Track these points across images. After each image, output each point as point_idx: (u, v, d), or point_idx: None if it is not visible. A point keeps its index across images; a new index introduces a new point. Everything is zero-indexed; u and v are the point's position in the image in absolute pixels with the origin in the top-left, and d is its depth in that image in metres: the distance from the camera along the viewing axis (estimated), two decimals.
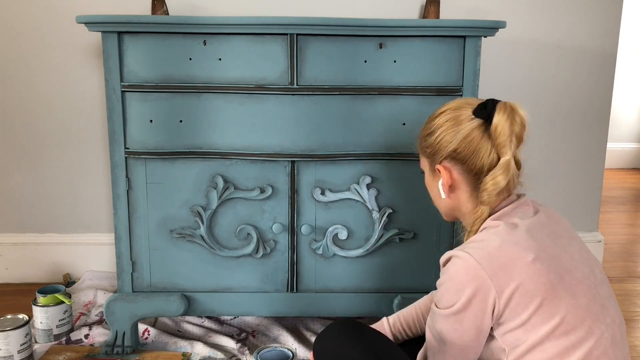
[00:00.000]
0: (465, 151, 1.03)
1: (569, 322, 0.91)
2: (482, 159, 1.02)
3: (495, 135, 1.01)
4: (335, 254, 1.56)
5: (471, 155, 1.03)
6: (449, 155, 1.06)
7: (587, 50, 2.03)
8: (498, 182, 1.00)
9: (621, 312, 1.02)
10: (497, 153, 1.02)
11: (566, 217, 2.16)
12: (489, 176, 1.01)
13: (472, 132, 1.03)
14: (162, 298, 1.55)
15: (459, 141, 1.03)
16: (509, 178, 1.01)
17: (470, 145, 1.03)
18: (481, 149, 1.02)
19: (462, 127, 1.04)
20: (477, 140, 1.02)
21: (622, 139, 4.13)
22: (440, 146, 1.06)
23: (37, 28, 1.94)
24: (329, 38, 1.44)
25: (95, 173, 2.04)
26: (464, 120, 1.04)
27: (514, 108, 1.02)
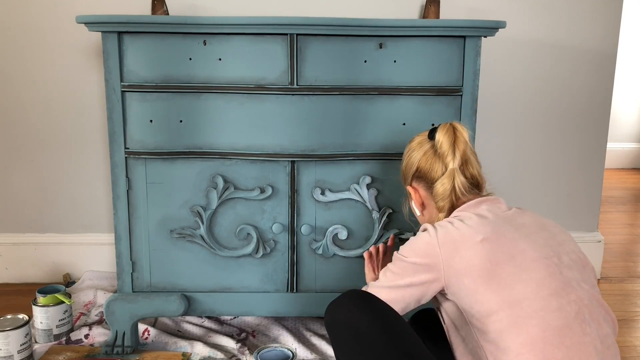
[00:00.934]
0: (424, 168, 1.21)
1: (519, 293, 0.98)
2: (437, 172, 1.19)
3: (439, 149, 1.18)
4: (335, 254, 1.56)
5: (429, 171, 1.21)
6: (414, 176, 1.24)
7: (587, 50, 2.03)
8: (444, 185, 1.16)
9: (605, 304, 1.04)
10: (444, 166, 1.18)
11: (566, 217, 2.19)
12: (437, 182, 1.18)
13: (427, 152, 1.21)
14: (162, 298, 1.55)
15: (418, 161, 1.23)
16: (453, 184, 1.16)
17: (427, 163, 1.21)
18: (435, 165, 1.20)
19: (420, 149, 1.23)
20: (431, 158, 1.20)
21: (622, 139, 4.13)
22: (407, 169, 1.26)
23: (37, 28, 1.94)
24: (329, 38, 1.44)
25: (95, 173, 2.04)
26: (422, 144, 1.24)
27: (454, 126, 1.19)
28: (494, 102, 2.04)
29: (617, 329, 1.05)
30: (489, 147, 2.07)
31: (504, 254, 1.02)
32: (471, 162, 1.19)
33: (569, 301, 0.98)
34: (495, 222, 1.07)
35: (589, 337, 0.96)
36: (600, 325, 0.99)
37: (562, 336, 0.94)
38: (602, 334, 0.98)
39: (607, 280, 2.20)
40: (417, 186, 1.24)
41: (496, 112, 2.05)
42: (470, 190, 1.17)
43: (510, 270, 1.00)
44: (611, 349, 0.98)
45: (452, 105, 1.48)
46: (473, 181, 1.19)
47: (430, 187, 1.20)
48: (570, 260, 1.05)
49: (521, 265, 1.01)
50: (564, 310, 0.97)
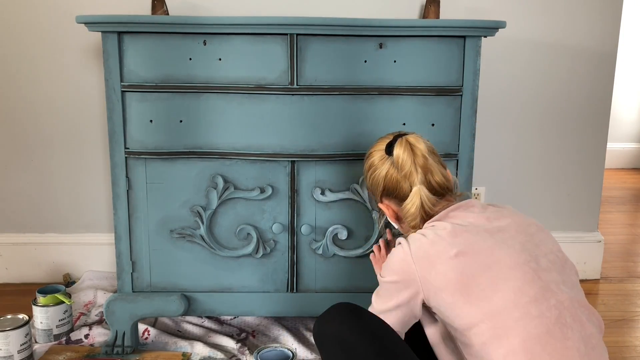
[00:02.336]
0: (390, 187, 1.19)
1: (498, 304, 0.97)
2: (405, 190, 1.17)
3: (399, 168, 1.16)
4: (335, 254, 1.56)
5: (395, 189, 1.18)
6: (382, 193, 1.22)
7: (587, 50, 2.03)
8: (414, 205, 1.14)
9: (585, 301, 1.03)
10: (409, 183, 1.16)
11: (566, 217, 2.19)
12: (406, 202, 1.16)
13: (389, 170, 1.18)
14: (162, 298, 1.55)
15: (383, 180, 1.19)
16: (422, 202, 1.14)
17: (392, 182, 1.18)
18: (400, 182, 1.17)
19: (382, 168, 1.20)
20: (394, 175, 1.18)
21: (622, 139, 4.13)
22: (374, 187, 1.23)
23: (37, 28, 1.94)
24: (329, 38, 1.44)
25: (95, 173, 2.04)
26: (383, 161, 1.20)
27: (411, 142, 1.16)
28: (494, 102, 2.04)
29: (603, 327, 1.04)
30: (489, 147, 2.07)
31: (479, 265, 1.01)
32: (434, 171, 1.16)
33: (549, 306, 0.97)
34: (469, 230, 1.06)
35: (571, 341, 0.95)
36: (583, 326, 0.98)
37: (543, 344, 0.94)
38: (585, 335, 0.97)
39: (607, 280, 2.20)
40: (388, 203, 1.23)
41: (496, 112, 2.05)
42: (438, 201, 1.15)
43: (487, 281, 0.99)
44: (596, 349, 0.98)
45: (452, 105, 1.48)
46: (441, 188, 1.16)
47: (400, 202, 1.18)
48: (548, 261, 1.03)
49: (498, 274, 1.00)
50: (544, 316, 0.96)
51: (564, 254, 1.09)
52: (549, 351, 0.93)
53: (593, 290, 2.11)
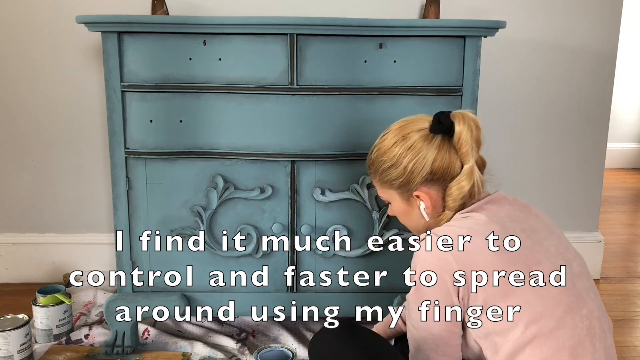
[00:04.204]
0: (441, 171, 1.07)
1: (535, 311, 0.93)
2: (455, 170, 1.07)
3: (458, 145, 1.05)
4: (335, 254, 1.56)
5: (445, 172, 1.07)
6: (425, 179, 1.08)
7: (587, 50, 2.03)
8: (462, 187, 1.05)
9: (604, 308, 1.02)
10: (460, 161, 1.06)
11: (566, 217, 2.18)
12: (454, 182, 1.06)
13: (440, 151, 1.06)
14: (162, 298, 1.55)
15: (431, 164, 1.06)
16: (472, 182, 1.05)
17: (443, 164, 1.06)
18: (452, 162, 1.06)
19: (427, 150, 1.07)
20: (446, 156, 1.06)
21: (622, 139, 4.13)
22: (414, 174, 1.08)
23: (37, 28, 1.94)
24: (329, 38, 1.44)
25: (95, 173, 2.04)
26: (425, 142, 1.07)
27: (466, 115, 1.06)
28: (494, 102, 2.04)
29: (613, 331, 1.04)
30: (489, 147, 2.06)
31: (522, 266, 0.96)
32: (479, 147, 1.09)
33: (582, 316, 0.95)
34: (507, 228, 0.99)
35: (598, 353, 0.94)
36: (606, 337, 0.98)
37: (574, 356, 0.92)
38: (607, 346, 0.97)
39: (607, 280, 2.20)
40: (428, 190, 1.09)
41: (496, 112, 2.05)
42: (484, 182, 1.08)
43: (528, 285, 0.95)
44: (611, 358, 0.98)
45: (452, 105, 1.48)
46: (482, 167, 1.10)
47: (444, 187, 1.08)
48: (578, 266, 1.01)
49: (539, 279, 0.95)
50: (577, 327, 0.94)
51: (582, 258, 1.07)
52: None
53: None
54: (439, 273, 0.97)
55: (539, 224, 1.04)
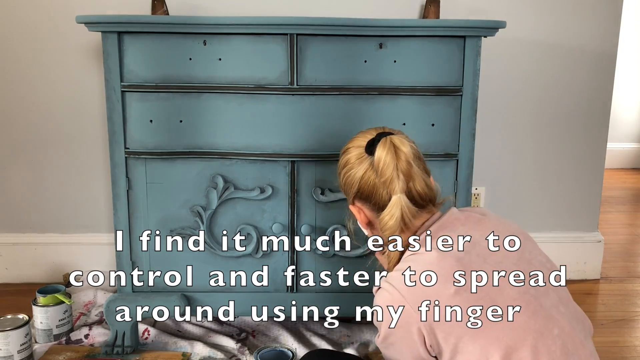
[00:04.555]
0: (366, 191, 1.06)
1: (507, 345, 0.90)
2: (382, 196, 1.04)
3: (379, 172, 1.02)
4: (335, 254, 1.56)
5: (372, 194, 1.05)
6: (356, 195, 1.09)
7: (587, 50, 2.03)
8: (393, 216, 1.01)
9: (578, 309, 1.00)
10: (388, 190, 1.02)
11: (566, 217, 2.18)
12: (385, 212, 1.02)
13: (367, 172, 1.05)
14: (162, 298, 1.55)
15: (358, 182, 1.06)
16: (403, 213, 1.01)
17: (368, 184, 1.05)
18: (378, 187, 1.04)
19: (360, 166, 1.06)
20: (372, 179, 1.04)
21: (622, 139, 4.13)
22: (347, 187, 1.10)
23: (37, 28, 1.94)
24: (329, 38, 1.44)
25: (95, 173, 2.04)
26: (362, 160, 1.06)
27: (396, 144, 1.02)
28: (493, 102, 2.04)
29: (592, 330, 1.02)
30: (489, 147, 2.07)
31: (483, 300, 0.92)
32: (417, 179, 1.03)
33: (553, 338, 0.92)
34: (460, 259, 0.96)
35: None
36: (584, 347, 0.95)
37: None
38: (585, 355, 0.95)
39: (607, 280, 2.20)
40: (361, 206, 1.10)
41: (496, 112, 2.05)
42: (418, 212, 1.04)
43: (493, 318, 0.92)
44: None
45: (452, 105, 1.48)
46: (422, 199, 1.05)
47: (377, 209, 1.06)
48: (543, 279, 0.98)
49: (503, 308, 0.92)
50: (551, 352, 0.91)
51: (548, 258, 1.04)
52: None
53: (593, 290, 2.11)
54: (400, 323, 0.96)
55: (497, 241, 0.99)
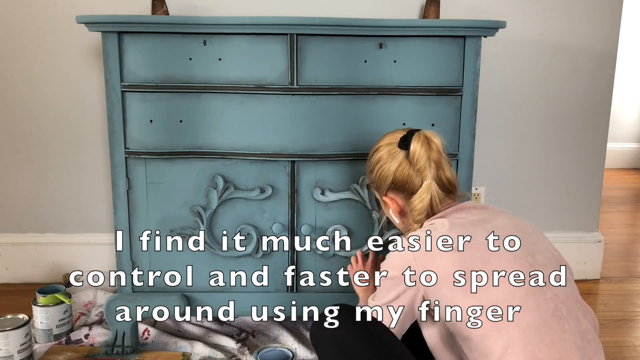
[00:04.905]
0: (401, 181, 1.19)
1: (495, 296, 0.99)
2: (415, 184, 1.18)
3: (414, 162, 1.17)
4: (335, 254, 1.56)
5: (406, 183, 1.19)
6: (390, 187, 1.22)
7: (587, 50, 2.03)
8: (423, 200, 1.15)
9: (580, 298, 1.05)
10: (421, 178, 1.17)
11: (566, 217, 2.19)
12: (416, 196, 1.16)
13: (402, 164, 1.19)
14: (162, 298, 1.55)
15: (393, 173, 1.20)
16: (432, 197, 1.15)
17: (402, 175, 1.19)
18: (412, 176, 1.18)
19: (393, 161, 1.20)
20: (407, 170, 1.18)
21: (622, 139, 4.13)
22: (380, 181, 1.23)
23: (37, 28, 1.94)
24: (329, 38, 1.44)
25: (95, 173, 2.04)
26: (394, 154, 1.20)
27: (428, 136, 1.18)
28: (494, 102, 2.04)
29: (598, 326, 1.05)
30: (489, 147, 2.07)
31: (478, 259, 1.03)
32: (445, 167, 1.18)
33: (546, 299, 0.99)
34: (467, 227, 1.08)
35: (568, 334, 0.96)
36: (579, 321, 0.99)
37: (541, 335, 0.95)
38: (581, 330, 0.98)
39: (607, 280, 2.20)
40: (394, 197, 1.23)
41: (496, 112, 2.05)
42: (444, 199, 1.17)
43: (486, 274, 1.01)
44: (592, 344, 0.99)
45: (452, 105, 1.48)
46: (449, 185, 1.18)
47: (408, 197, 1.19)
48: (544, 258, 1.05)
49: (496, 268, 1.01)
50: (540, 308, 0.97)
51: (560, 253, 1.11)
52: (547, 342, 0.95)
53: (593, 290, 2.11)
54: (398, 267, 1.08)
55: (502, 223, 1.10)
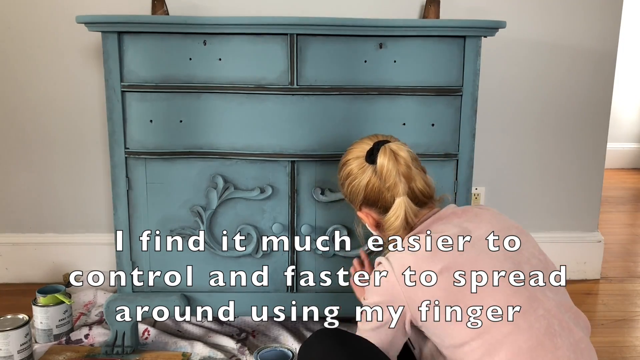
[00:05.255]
0: (372, 197, 1.15)
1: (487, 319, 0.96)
2: (387, 200, 1.13)
3: (383, 178, 1.12)
4: (335, 254, 1.56)
5: (378, 199, 1.15)
6: (362, 202, 1.18)
7: (587, 50, 2.03)
8: (398, 217, 1.10)
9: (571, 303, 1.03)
10: (392, 195, 1.12)
11: (566, 217, 2.18)
12: (390, 214, 1.12)
13: (371, 179, 1.14)
14: (162, 298, 1.55)
15: (364, 190, 1.15)
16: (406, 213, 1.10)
17: (372, 191, 1.15)
18: (382, 192, 1.13)
19: (363, 176, 1.15)
20: (377, 185, 1.14)
21: (622, 139, 4.13)
22: (352, 196, 1.19)
23: (37, 28, 1.94)
24: (329, 38, 1.44)
25: (95, 173, 2.04)
26: (364, 169, 1.15)
27: (394, 150, 1.12)
28: (494, 102, 2.04)
29: (590, 328, 1.04)
30: (489, 147, 2.07)
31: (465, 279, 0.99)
32: (417, 179, 1.13)
33: (537, 317, 0.96)
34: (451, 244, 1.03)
35: (561, 351, 0.94)
36: (571, 332, 0.97)
37: (534, 357, 0.93)
38: (574, 341, 0.97)
39: (607, 280, 2.20)
40: (368, 212, 1.19)
41: (496, 112, 2.05)
42: (419, 210, 1.13)
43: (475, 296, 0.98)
44: (585, 353, 0.97)
45: (452, 105, 1.48)
46: (423, 196, 1.14)
47: (383, 211, 1.15)
48: (531, 267, 1.02)
49: (484, 289, 0.98)
50: (533, 328, 0.95)
51: (545, 255, 1.08)
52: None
53: (593, 290, 2.11)
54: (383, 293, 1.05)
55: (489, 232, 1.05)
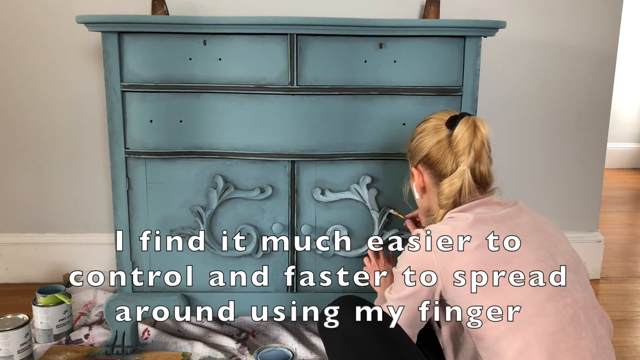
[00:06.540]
0: (434, 157, 1.15)
1: (515, 299, 0.97)
2: (447, 167, 1.14)
3: (454, 144, 1.12)
4: (335, 254, 1.56)
5: (438, 161, 1.15)
6: (422, 160, 1.18)
7: (587, 50, 2.03)
8: (453, 185, 1.11)
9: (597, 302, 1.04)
10: (456, 163, 1.12)
11: (566, 217, 2.19)
12: (446, 180, 1.13)
13: (441, 142, 1.15)
14: (162, 298, 1.55)
15: (429, 148, 1.16)
16: (463, 185, 1.11)
17: (438, 152, 1.15)
18: (447, 157, 1.14)
19: (435, 135, 1.16)
20: (444, 148, 1.14)
21: (622, 139, 4.13)
22: (416, 151, 1.20)
23: (37, 28, 1.94)
24: (329, 38, 1.44)
25: (95, 173, 2.04)
26: (438, 130, 1.16)
27: (476, 123, 1.12)
28: (494, 102, 2.04)
29: (612, 330, 1.05)
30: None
31: (499, 258, 1.00)
32: (483, 161, 1.13)
33: (565, 305, 0.97)
34: (490, 224, 1.05)
35: (584, 341, 0.95)
36: (595, 327, 0.98)
37: (557, 341, 0.94)
38: (597, 336, 0.98)
39: (607, 280, 2.20)
40: (423, 170, 1.19)
41: (496, 112, 2.05)
42: (474, 191, 1.12)
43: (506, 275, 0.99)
44: (606, 350, 0.98)
45: (452, 105, 1.48)
46: (481, 180, 1.14)
47: (437, 178, 1.15)
48: (564, 260, 1.04)
49: (518, 268, 0.99)
50: (559, 314, 0.96)
51: (578, 255, 1.09)
52: (562, 349, 0.94)
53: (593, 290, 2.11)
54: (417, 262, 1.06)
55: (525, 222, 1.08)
